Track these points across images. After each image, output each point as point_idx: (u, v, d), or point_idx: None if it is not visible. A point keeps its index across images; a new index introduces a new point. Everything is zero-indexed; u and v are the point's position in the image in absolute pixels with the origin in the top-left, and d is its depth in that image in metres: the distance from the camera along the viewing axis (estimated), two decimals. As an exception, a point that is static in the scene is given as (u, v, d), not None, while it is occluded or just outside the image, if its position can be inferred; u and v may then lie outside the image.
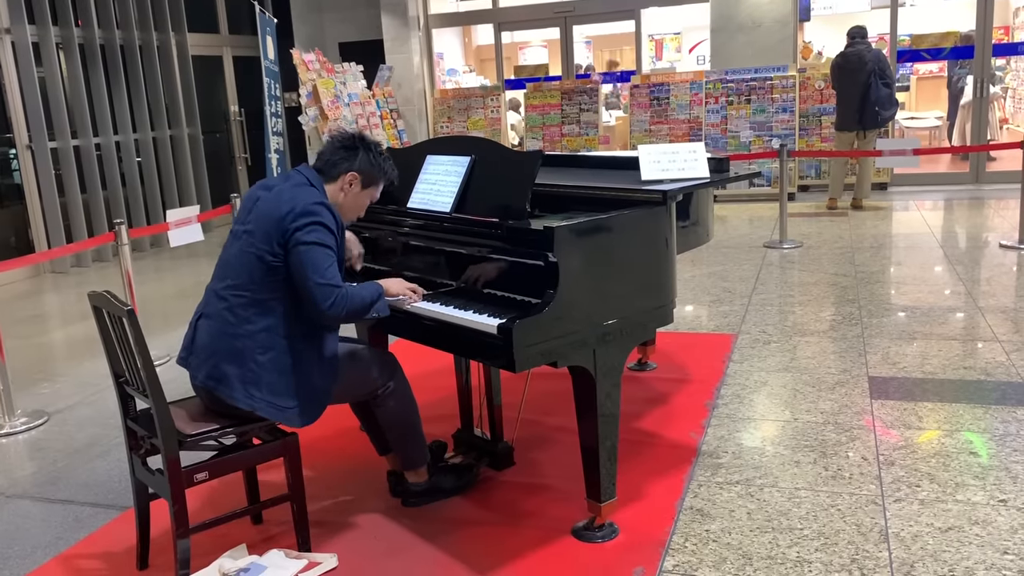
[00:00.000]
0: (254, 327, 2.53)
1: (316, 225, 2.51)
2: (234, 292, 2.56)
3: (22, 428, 4.15)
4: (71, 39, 8.45)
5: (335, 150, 2.71)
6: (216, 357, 2.55)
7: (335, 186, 2.69)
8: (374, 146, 2.75)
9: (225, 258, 2.64)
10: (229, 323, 2.55)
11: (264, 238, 2.53)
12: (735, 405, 3.79)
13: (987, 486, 2.93)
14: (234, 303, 2.55)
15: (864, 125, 8.31)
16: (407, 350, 3.84)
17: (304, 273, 2.49)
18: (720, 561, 2.58)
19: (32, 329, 6.21)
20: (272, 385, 2.54)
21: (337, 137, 2.75)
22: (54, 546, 2.98)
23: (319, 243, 2.50)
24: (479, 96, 11.04)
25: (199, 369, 2.59)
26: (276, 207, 2.54)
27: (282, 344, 2.55)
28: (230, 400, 2.54)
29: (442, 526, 2.89)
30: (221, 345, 2.55)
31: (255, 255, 2.53)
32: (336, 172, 2.69)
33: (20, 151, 8.15)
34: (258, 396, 2.54)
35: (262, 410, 2.55)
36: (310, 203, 2.54)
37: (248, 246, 2.55)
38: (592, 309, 2.54)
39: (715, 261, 6.63)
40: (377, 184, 2.77)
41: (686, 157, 3.07)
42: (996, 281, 5.54)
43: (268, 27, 9.01)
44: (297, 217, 2.50)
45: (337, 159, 2.70)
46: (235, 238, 2.64)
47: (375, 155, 2.74)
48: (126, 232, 4.94)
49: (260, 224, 2.55)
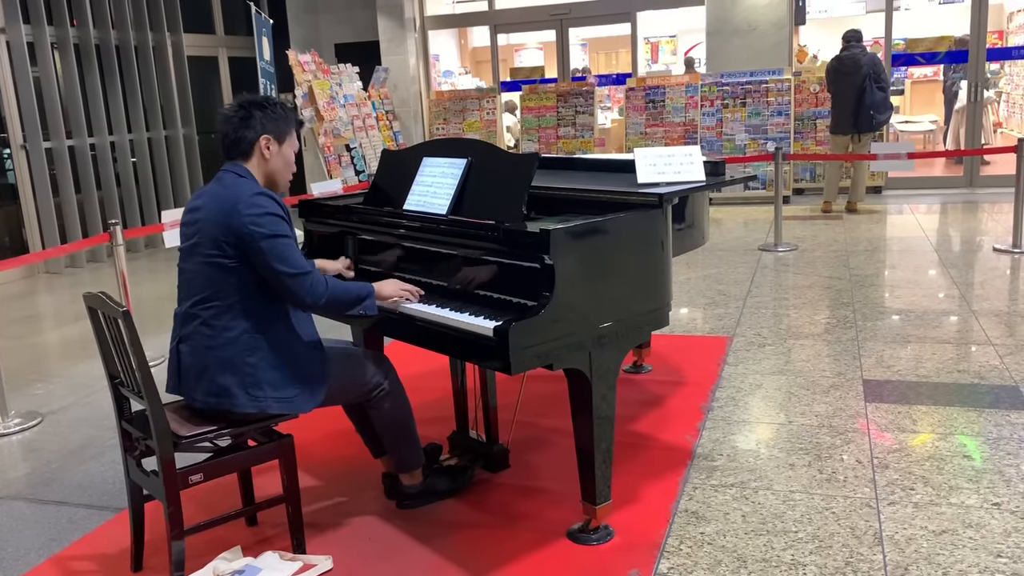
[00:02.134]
0: (234, 332, 2.52)
1: (265, 216, 2.47)
2: (203, 307, 2.54)
3: (16, 429, 4.13)
4: (66, 39, 8.43)
5: (234, 127, 2.60)
6: (208, 373, 2.54)
7: (255, 158, 2.62)
8: (265, 101, 2.66)
9: (184, 279, 2.62)
10: (208, 336, 2.53)
11: (213, 244, 2.50)
12: (730, 408, 3.80)
13: (981, 489, 2.94)
14: (206, 317, 2.53)
15: (859, 128, 8.34)
16: (402, 352, 3.83)
17: (273, 268, 2.48)
18: (715, 564, 2.59)
19: (26, 330, 6.19)
20: (271, 381, 2.55)
21: (227, 114, 2.63)
22: (48, 548, 2.97)
23: (276, 234, 2.48)
24: (475, 98, 11.04)
25: (194, 391, 2.57)
26: (217, 211, 2.51)
27: (265, 339, 2.55)
28: (236, 410, 2.54)
29: (437, 528, 2.89)
30: (209, 361, 2.53)
31: (210, 264, 2.51)
32: (247, 145, 2.61)
33: (14, 151, 8.13)
34: (262, 396, 2.54)
35: (271, 408, 2.55)
36: (250, 196, 2.49)
37: (201, 258, 2.53)
38: (588, 312, 2.54)
39: (710, 264, 6.64)
40: (290, 133, 2.69)
41: (682, 160, 3.08)
42: (990, 285, 5.56)
43: (264, 28, 9.00)
44: (244, 215, 2.46)
45: (239, 134, 2.60)
46: (186, 257, 2.61)
47: (271, 108, 2.64)
48: (121, 233, 4.93)
49: (206, 233, 2.52)
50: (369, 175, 9.27)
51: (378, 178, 3.38)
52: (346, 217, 3.30)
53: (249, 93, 2.77)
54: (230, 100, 10.69)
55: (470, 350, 2.53)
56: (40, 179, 8.13)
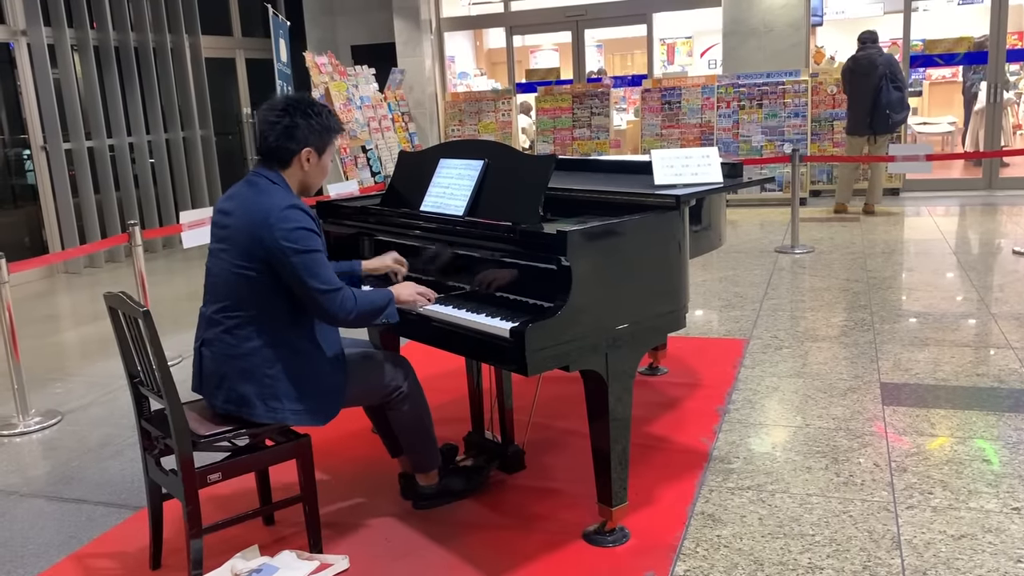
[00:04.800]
0: (255, 344, 2.53)
1: (298, 231, 2.45)
2: (226, 315, 2.55)
3: (36, 427, 4.18)
4: (86, 41, 8.50)
5: (277, 134, 2.54)
6: (228, 381, 2.55)
7: (293, 168, 2.59)
8: (311, 108, 2.58)
9: (211, 279, 2.62)
10: (230, 345, 2.54)
11: (242, 255, 2.49)
12: (746, 410, 3.78)
13: (1000, 494, 2.91)
14: (229, 325, 2.54)
15: (875, 129, 8.31)
16: (419, 352, 3.84)
17: (305, 283, 2.45)
18: (731, 567, 2.58)
19: (46, 329, 6.25)
20: (289, 393, 2.56)
21: (270, 119, 2.56)
22: (67, 545, 2.99)
23: (309, 250, 2.45)
24: (490, 99, 11.06)
25: (215, 396, 2.60)
26: (249, 221, 2.48)
27: (286, 352, 2.56)
28: (254, 419, 2.56)
29: (453, 529, 2.90)
30: (228, 369, 2.55)
31: (237, 274, 2.51)
32: (288, 156, 2.57)
33: (35, 152, 8.21)
34: (279, 408, 2.55)
35: (288, 419, 2.57)
36: (282, 209, 2.46)
37: (229, 265, 2.53)
38: (604, 313, 2.54)
39: (726, 266, 6.62)
40: (332, 143, 2.65)
41: (699, 162, 3.07)
42: (1009, 288, 5.51)
43: (281, 30, 9.05)
44: (276, 228, 2.43)
45: (282, 143, 2.55)
46: (214, 256, 2.61)
47: (315, 118, 2.57)
48: (139, 233, 4.97)
49: (236, 241, 2.51)
50: (385, 176, 9.30)
51: (395, 179, 3.39)
52: (363, 218, 3.31)
53: (297, 93, 2.65)
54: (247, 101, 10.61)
55: (486, 351, 2.54)
56: (60, 180, 8.20)
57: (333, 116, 2.64)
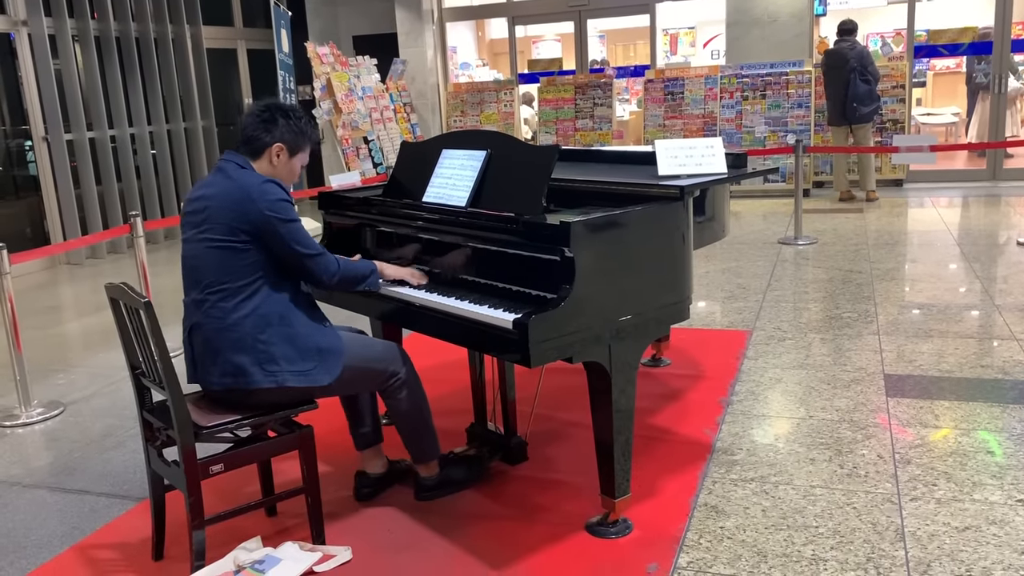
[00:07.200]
0: (242, 313, 2.55)
1: (280, 202, 2.57)
2: (211, 291, 2.57)
3: (38, 418, 4.18)
4: (87, 32, 8.48)
5: (255, 125, 2.67)
6: (222, 355, 2.56)
7: (263, 161, 2.68)
8: (292, 112, 2.73)
9: (189, 265, 2.64)
10: (219, 319, 2.56)
11: (226, 231, 2.54)
12: (750, 402, 3.77)
13: (1005, 485, 2.90)
14: (215, 300, 2.56)
15: (848, 120, 8.56)
16: (421, 344, 3.84)
17: (294, 250, 2.59)
18: (735, 558, 2.58)
19: (48, 320, 6.25)
20: (286, 355, 2.57)
21: (254, 111, 2.71)
22: (70, 536, 3.00)
23: (292, 219, 2.58)
24: (492, 90, 11.02)
25: (210, 374, 2.60)
26: (228, 199, 2.55)
27: (274, 318, 2.58)
28: (254, 387, 2.55)
29: (455, 520, 2.90)
30: (221, 343, 2.56)
31: (221, 248, 2.55)
32: (260, 146, 2.67)
33: (36, 143, 8.20)
34: (278, 371, 2.56)
35: (288, 381, 2.57)
36: (260, 184, 2.57)
37: (209, 244, 2.56)
38: (608, 305, 2.53)
39: (729, 257, 6.60)
40: (304, 149, 2.77)
41: (703, 152, 3.05)
42: (1013, 279, 5.49)
43: (282, 20, 9.02)
44: (259, 202, 2.53)
45: (258, 133, 2.66)
46: (190, 243, 2.63)
47: (295, 120, 2.71)
48: (141, 224, 4.96)
49: (217, 219, 2.55)
50: (387, 167, 9.28)
51: (397, 170, 3.38)
52: (365, 209, 3.30)
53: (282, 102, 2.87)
54: (249, 92, 10.61)
55: (489, 342, 2.53)
56: (61, 171, 8.20)
57: (313, 127, 2.79)
